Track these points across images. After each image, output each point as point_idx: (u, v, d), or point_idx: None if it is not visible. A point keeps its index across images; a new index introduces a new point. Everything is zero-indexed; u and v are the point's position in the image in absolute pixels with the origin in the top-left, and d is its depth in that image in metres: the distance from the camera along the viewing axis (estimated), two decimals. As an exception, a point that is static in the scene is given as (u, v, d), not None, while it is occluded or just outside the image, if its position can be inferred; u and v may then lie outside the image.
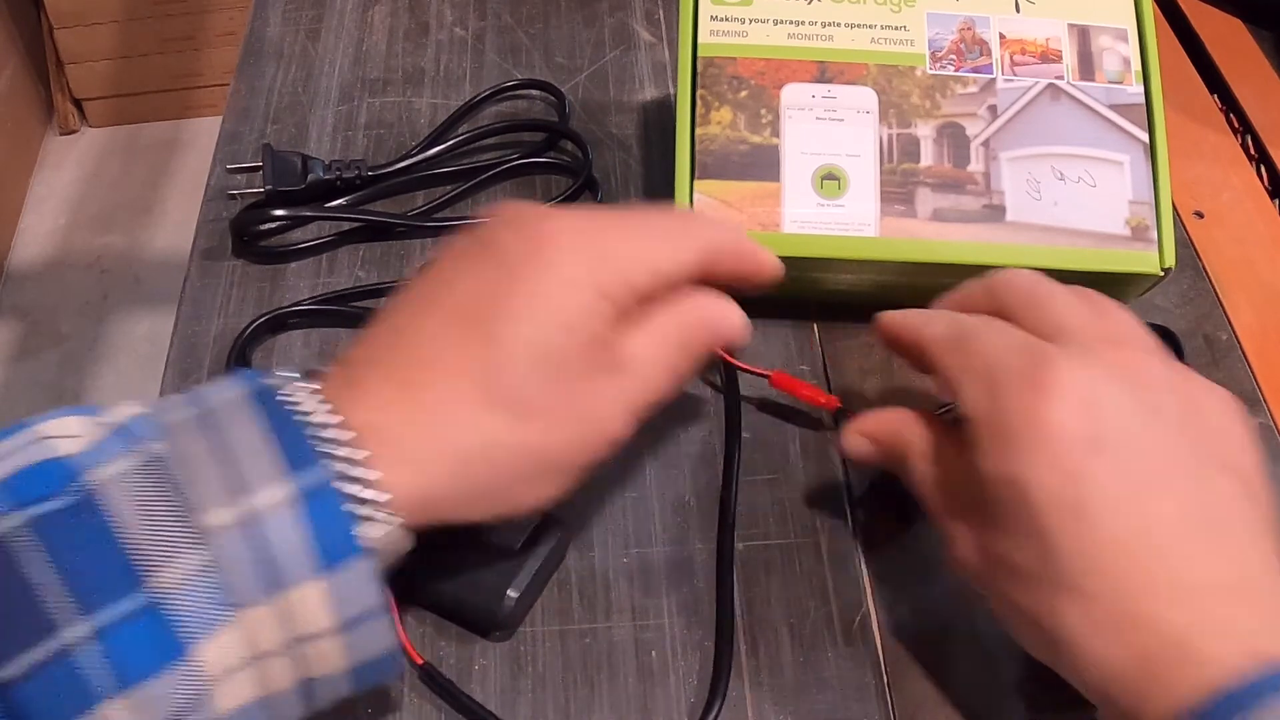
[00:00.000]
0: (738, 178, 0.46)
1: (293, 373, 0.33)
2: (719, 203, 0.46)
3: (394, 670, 0.33)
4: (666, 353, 0.36)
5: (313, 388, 0.32)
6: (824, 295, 0.49)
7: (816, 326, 0.49)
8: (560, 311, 0.33)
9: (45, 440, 0.30)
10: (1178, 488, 0.32)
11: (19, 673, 0.27)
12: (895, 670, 0.40)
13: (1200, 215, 0.55)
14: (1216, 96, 0.62)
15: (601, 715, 0.39)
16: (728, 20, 0.48)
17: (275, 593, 0.29)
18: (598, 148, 0.56)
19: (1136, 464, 0.32)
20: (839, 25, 0.48)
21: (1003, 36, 0.48)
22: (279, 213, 0.52)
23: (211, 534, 0.29)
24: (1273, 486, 0.34)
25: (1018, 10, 0.49)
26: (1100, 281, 0.46)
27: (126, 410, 0.31)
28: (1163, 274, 0.46)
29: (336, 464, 0.30)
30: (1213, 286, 0.52)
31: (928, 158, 0.47)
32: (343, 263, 0.52)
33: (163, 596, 0.28)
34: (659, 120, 0.58)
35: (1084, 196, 0.46)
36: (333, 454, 0.30)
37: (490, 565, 0.40)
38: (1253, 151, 0.59)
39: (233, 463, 0.29)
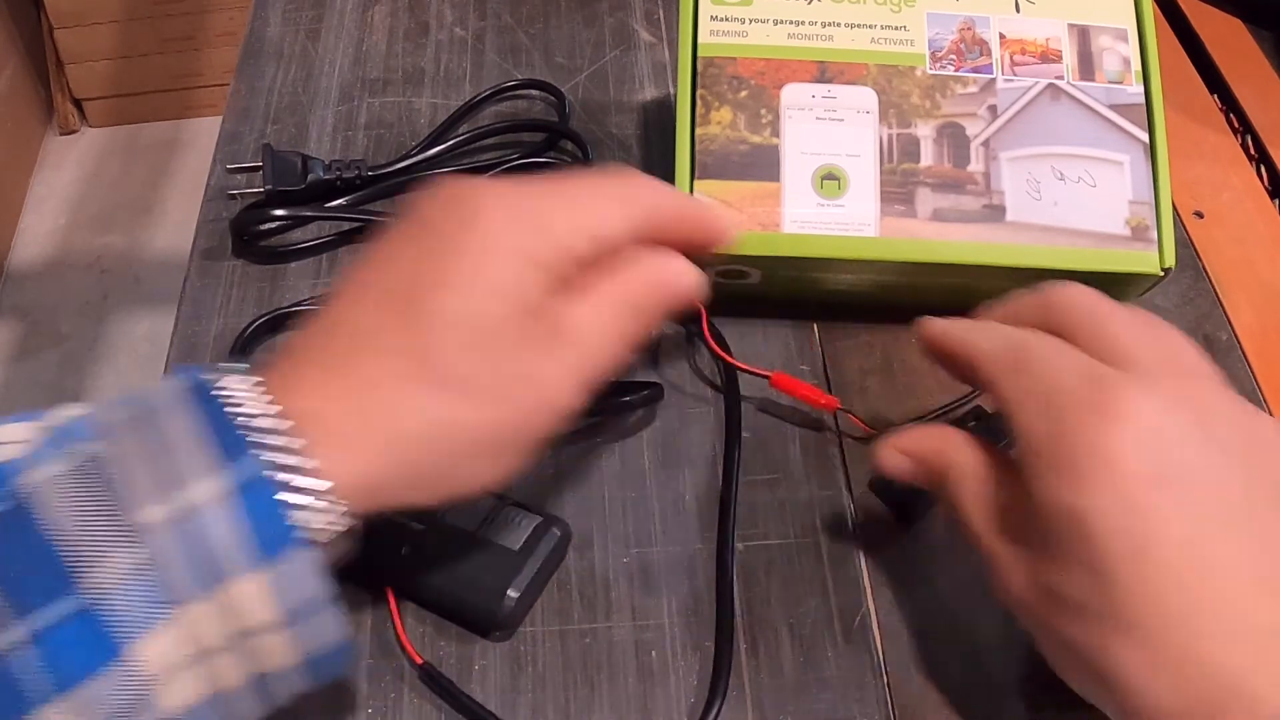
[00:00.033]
0: (738, 178, 0.46)
1: (243, 365, 0.32)
2: (719, 202, 0.46)
3: (347, 662, 0.33)
4: (613, 317, 0.35)
5: (253, 380, 0.31)
6: (824, 295, 0.49)
7: (816, 326, 0.49)
8: (492, 284, 0.32)
9: None
10: (1241, 528, 0.31)
11: None
12: (895, 670, 0.40)
13: (1200, 215, 0.55)
14: (1216, 96, 0.62)
15: (601, 715, 0.39)
16: (728, 20, 0.48)
17: (214, 587, 0.29)
18: (598, 148, 0.56)
19: (1201, 501, 0.31)
20: (839, 25, 0.48)
21: (1003, 36, 0.48)
22: (279, 213, 0.52)
23: (146, 531, 0.28)
24: None
25: (1018, 10, 0.49)
26: (1100, 281, 0.46)
27: (67, 413, 0.31)
28: (1163, 274, 0.46)
29: (272, 454, 0.30)
30: (1213, 286, 0.52)
31: (928, 158, 0.47)
32: (343, 263, 0.52)
33: (97, 597, 0.28)
34: (659, 120, 0.58)
35: (1084, 196, 0.46)
36: (267, 444, 0.30)
37: (490, 565, 0.40)
38: (1253, 151, 0.59)
39: (168, 459, 0.29)
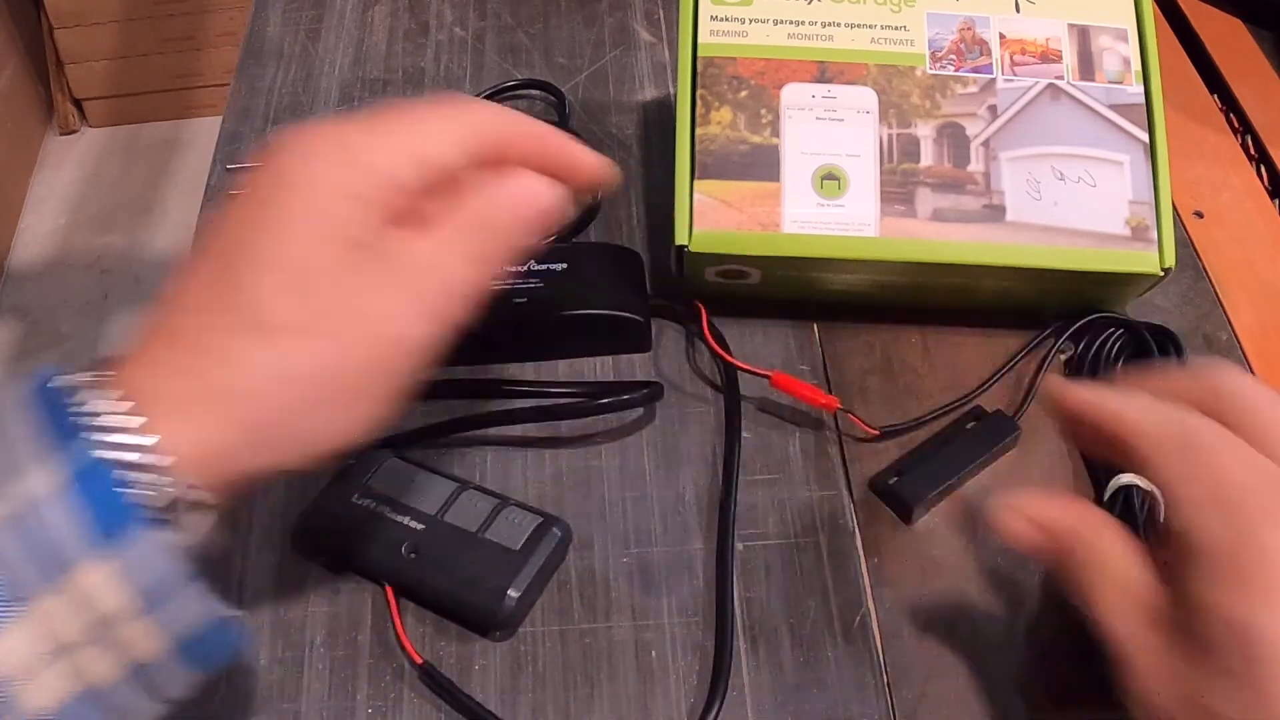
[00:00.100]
0: (738, 178, 0.46)
1: (100, 357, 0.32)
2: (719, 202, 0.46)
3: (236, 644, 0.32)
4: (463, 241, 0.34)
5: (96, 370, 0.31)
6: (824, 295, 0.49)
7: (816, 326, 0.49)
8: (307, 223, 0.32)
9: None
10: None
11: None
12: (895, 670, 0.40)
13: (1200, 215, 0.55)
14: (1216, 96, 0.62)
15: (601, 715, 0.39)
16: (728, 20, 0.48)
17: (59, 578, 0.28)
18: (598, 148, 0.56)
19: None
20: (839, 25, 0.48)
21: (1003, 36, 0.48)
22: (279, 213, 0.52)
23: None
24: None
25: (1018, 10, 0.49)
26: (1100, 281, 0.47)
27: None
28: (1163, 274, 0.46)
29: (105, 436, 0.29)
30: (1213, 286, 0.52)
31: (928, 158, 0.47)
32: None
33: None
34: (659, 120, 0.58)
35: (1084, 196, 0.46)
36: (101, 426, 0.29)
37: (490, 565, 0.40)
38: (1253, 151, 0.59)
39: (6, 456, 0.29)
